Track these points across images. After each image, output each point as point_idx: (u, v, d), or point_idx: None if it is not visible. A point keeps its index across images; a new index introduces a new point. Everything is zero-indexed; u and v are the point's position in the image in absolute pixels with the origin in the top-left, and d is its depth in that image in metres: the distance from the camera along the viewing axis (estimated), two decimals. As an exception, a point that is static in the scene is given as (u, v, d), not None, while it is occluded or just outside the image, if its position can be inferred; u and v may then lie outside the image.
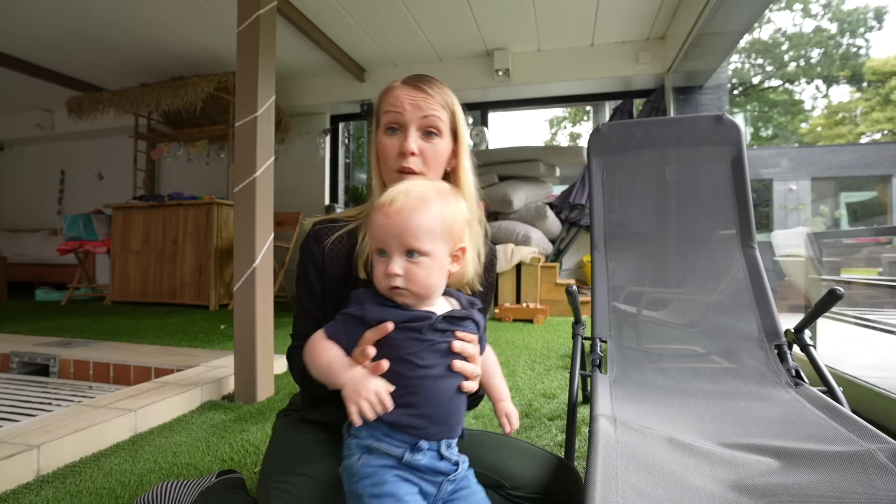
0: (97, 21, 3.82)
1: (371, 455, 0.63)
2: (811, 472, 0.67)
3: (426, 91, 0.81)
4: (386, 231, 0.65)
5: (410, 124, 0.80)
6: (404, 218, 0.64)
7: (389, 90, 0.83)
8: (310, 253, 0.85)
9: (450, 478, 0.64)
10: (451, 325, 0.66)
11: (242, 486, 0.97)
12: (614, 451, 0.73)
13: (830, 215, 7.46)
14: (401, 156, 0.80)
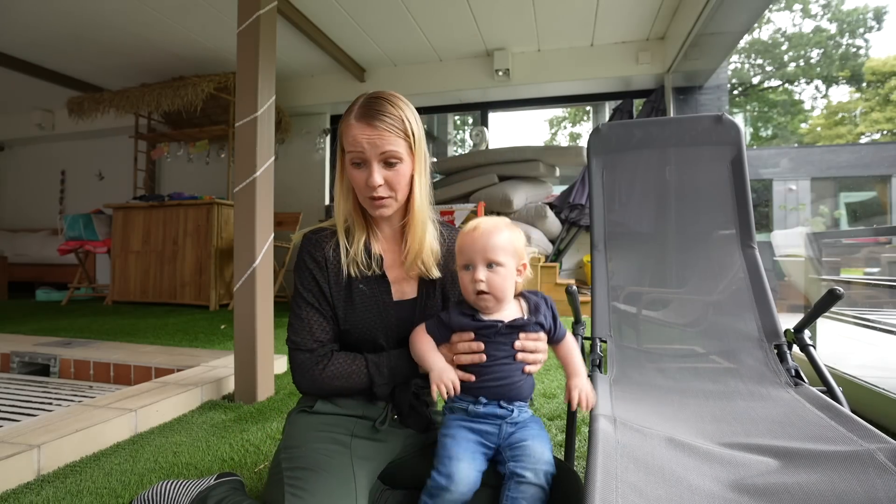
0: (97, 21, 3.82)
1: (451, 412, 0.88)
2: (811, 471, 0.67)
3: (379, 128, 0.87)
4: (472, 249, 0.86)
5: (372, 160, 0.88)
6: (486, 238, 0.86)
7: (347, 127, 0.89)
8: (313, 260, 0.93)
9: (507, 420, 0.84)
10: (515, 329, 0.87)
11: (241, 489, 0.97)
12: (614, 451, 0.73)
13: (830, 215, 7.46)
14: (368, 187, 0.88)
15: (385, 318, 0.93)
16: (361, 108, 0.88)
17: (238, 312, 1.83)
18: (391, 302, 0.94)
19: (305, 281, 0.93)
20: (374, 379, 0.89)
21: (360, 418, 0.92)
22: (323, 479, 0.78)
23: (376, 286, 0.94)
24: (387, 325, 0.93)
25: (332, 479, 0.79)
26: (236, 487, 0.95)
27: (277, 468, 0.85)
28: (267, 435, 1.47)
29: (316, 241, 0.94)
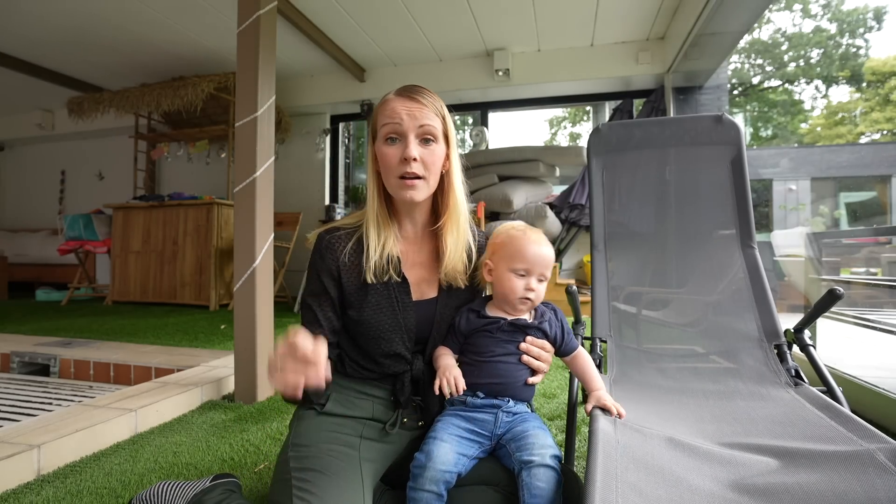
0: (97, 21, 3.82)
1: (451, 405, 0.92)
2: (811, 471, 0.67)
3: (420, 101, 0.87)
4: (534, 259, 0.90)
5: (409, 133, 0.86)
6: (546, 252, 0.92)
7: (385, 103, 0.89)
8: (325, 263, 0.92)
9: (503, 409, 0.88)
10: (517, 328, 0.91)
11: (238, 491, 0.97)
12: (614, 451, 0.73)
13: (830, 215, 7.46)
14: (403, 162, 0.86)
15: (404, 320, 0.92)
16: (400, 88, 0.89)
17: (238, 312, 1.83)
18: (410, 303, 0.92)
19: (312, 284, 0.93)
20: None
21: (370, 420, 0.92)
22: (331, 483, 0.78)
23: (395, 287, 0.92)
24: (405, 326, 0.92)
25: (340, 483, 0.79)
26: (232, 489, 0.95)
27: (285, 466, 0.84)
28: (267, 435, 1.47)
29: (329, 244, 0.92)
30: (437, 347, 0.95)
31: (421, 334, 0.94)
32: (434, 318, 0.94)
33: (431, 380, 0.91)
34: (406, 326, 0.92)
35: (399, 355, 0.92)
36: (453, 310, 0.96)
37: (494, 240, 0.95)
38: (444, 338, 0.97)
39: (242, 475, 1.22)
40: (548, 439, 0.83)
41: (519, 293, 0.90)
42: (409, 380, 0.93)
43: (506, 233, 0.94)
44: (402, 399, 0.92)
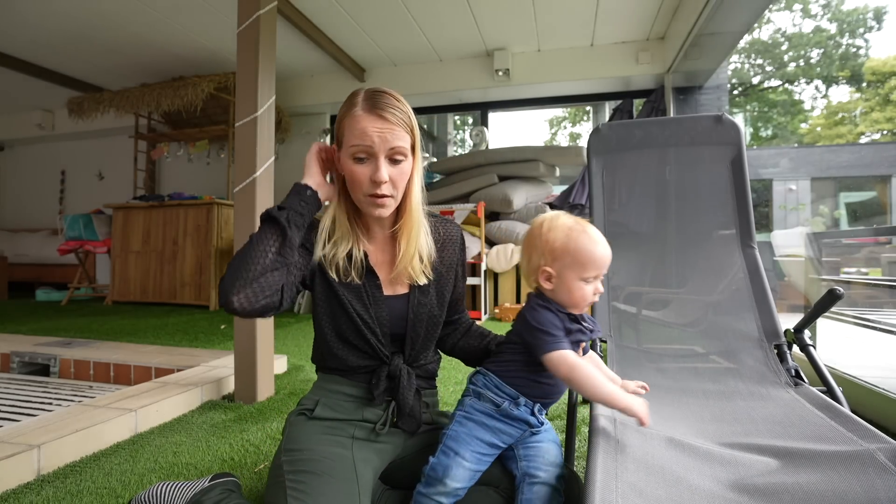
0: (97, 21, 3.82)
1: (478, 399, 0.85)
2: (811, 471, 0.67)
3: (389, 120, 0.83)
4: (603, 262, 0.84)
5: (379, 154, 0.84)
6: (607, 249, 0.85)
7: (353, 118, 0.84)
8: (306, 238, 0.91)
9: (533, 430, 0.84)
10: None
11: (237, 490, 0.97)
12: (614, 451, 0.73)
13: (830, 215, 7.46)
14: (373, 184, 0.84)
15: (376, 312, 0.92)
16: (368, 101, 0.84)
17: (238, 312, 1.83)
18: (381, 296, 0.92)
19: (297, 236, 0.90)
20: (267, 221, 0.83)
21: (360, 422, 0.92)
22: (325, 483, 0.78)
23: (366, 280, 0.92)
24: (378, 319, 0.92)
25: (334, 484, 0.79)
26: (231, 489, 0.95)
27: (279, 470, 0.84)
28: (267, 435, 1.47)
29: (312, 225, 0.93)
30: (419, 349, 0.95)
31: (395, 330, 0.93)
32: (407, 314, 0.94)
33: (410, 380, 0.92)
34: (379, 319, 0.91)
35: (373, 347, 0.91)
36: (426, 308, 0.95)
37: (550, 242, 0.84)
38: (424, 338, 0.95)
39: (242, 475, 1.22)
40: (558, 457, 0.82)
41: (589, 299, 0.84)
42: (384, 375, 0.92)
43: (564, 234, 0.83)
44: (376, 394, 0.91)
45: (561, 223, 0.85)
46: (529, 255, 0.87)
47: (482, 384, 0.86)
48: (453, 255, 1.01)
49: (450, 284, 1.00)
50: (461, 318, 1.09)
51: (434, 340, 1.00)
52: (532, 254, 0.86)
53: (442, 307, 0.99)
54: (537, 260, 0.85)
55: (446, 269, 0.99)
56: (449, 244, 1.01)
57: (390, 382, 0.92)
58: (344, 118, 0.86)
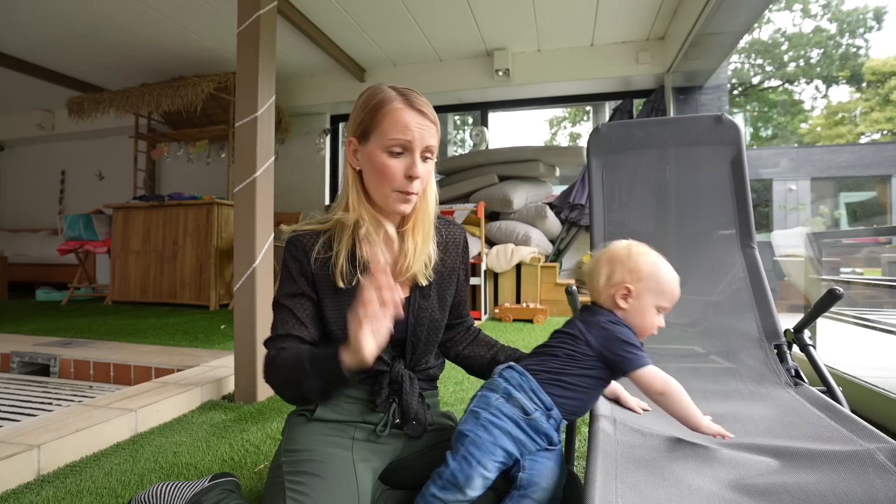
0: (97, 21, 3.82)
1: (507, 401, 0.79)
2: (811, 471, 0.67)
3: (429, 118, 0.84)
4: (676, 298, 0.87)
5: (416, 150, 0.83)
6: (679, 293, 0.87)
7: (394, 111, 0.82)
8: (299, 265, 0.89)
9: (550, 447, 0.80)
10: None
11: (236, 490, 0.97)
12: (614, 452, 0.73)
13: (830, 215, 7.46)
14: (407, 179, 0.83)
15: None
16: (406, 97, 0.83)
17: (238, 312, 1.83)
18: None
19: (287, 280, 0.90)
20: (305, 373, 0.78)
21: (360, 423, 0.92)
22: (325, 485, 0.78)
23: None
24: None
25: (334, 485, 0.79)
26: (231, 489, 0.95)
27: (278, 471, 0.84)
28: (267, 435, 1.47)
29: (299, 243, 0.89)
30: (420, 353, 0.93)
31: (396, 335, 0.90)
32: (407, 318, 0.92)
33: (413, 385, 0.91)
34: None
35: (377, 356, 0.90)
36: (427, 311, 0.94)
37: (639, 264, 0.86)
38: (426, 343, 0.94)
39: (242, 475, 1.22)
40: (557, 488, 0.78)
41: (654, 330, 0.86)
42: (386, 382, 0.90)
43: (653, 260, 0.87)
44: (378, 401, 0.89)
45: (648, 250, 0.89)
46: (612, 270, 0.87)
47: (517, 384, 0.80)
48: (455, 258, 1.00)
49: (451, 287, 0.99)
50: (465, 322, 1.08)
51: (435, 344, 0.99)
52: (616, 270, 0.87)
53: (443, 310, 0.98)
54: (621, 276, 0.86)
55: (448, 272, 0.98)
56: (452, 246, 0.99)
57: (392, 388, 0.91)
58: (378, 110, 0.83)
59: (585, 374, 0.81)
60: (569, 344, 0.83)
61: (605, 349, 0.81)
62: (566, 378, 0.81)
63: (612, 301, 0.87)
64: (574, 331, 0.84)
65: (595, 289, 0.89)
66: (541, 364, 0.83)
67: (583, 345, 0.82)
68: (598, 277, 0.89)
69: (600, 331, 0.83)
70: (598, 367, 0.82)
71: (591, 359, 0.81)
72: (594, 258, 0.94)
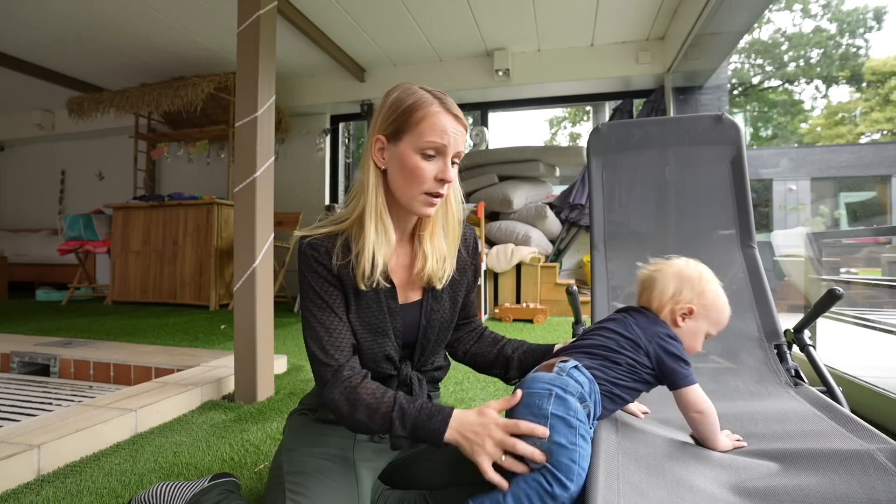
0: (97, 21, 3.82)
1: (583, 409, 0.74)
2: (811, 472, 0.67)
3: (463, 123, 0.84)
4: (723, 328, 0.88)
5: (449, 155, 0.83)
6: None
7: (432, 114, 0.81)
8: (323, 269, 0.85)
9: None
10: None
11: (236, 490, 0.97)
12: (615, 452, 0.73)
13: (830, 215, 7.46)
14: (438, 182, 0.83)
15: (392, 324, 0.89)
16: (442, 101, 0.83)
17: (238, 312, 1.83)
18: (397, 307, 0.90)
19: (321, 286, 0.85)
20: (393, 425, 0.77)
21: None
22: (324, 485, 0.78)
23: (384, 293, 0.89)
24: (394, 330, 0.89)
25: (334, 485, 0.79)
26: (230, 489, 0.95)
27: (278, 471, 0.84)
28: (267, 435, 1.47)
29: (323, 249, 0.86)
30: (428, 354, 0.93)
31: (406, 339, 0.92)
32: (420, 321, 0.92)
33: (421, 386, 0.90)
34: (394, 330, 0.89)
35: (388, 357, 0.89)
36: (437, 312, 0.93)
37: (706, 289, 0.87)
38: (434, 344, 0.94)
39: (242, 475, 1.22)
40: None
41: (697, 350, 0.88)
42: (395, 385, 0.90)
43: (717, 288, 0.88)
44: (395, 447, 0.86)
45: (714, 277, 0.89)
46: (680, 288, 0.87)
47: (588, 390, 0.76)
48: (465, 258, 0.99)
49: (462, 288, 0.99)
50: (472, 323, 1.07)
51: (443, 345, 0.99)
52: (684, 288, 0.87)
53: (454, 311, 0.97)
54: (689, 296, 0.86)
55: (459, 273, 0.97)
56: (462, 247, 0.99)
57: (402, 388, 0.90)
58: (415, 111, 0.82)
59: (634, 386, 0.81)
60: (629, 352, 0.81)
61: (661, 362, 0.80)
62: (619, 391, 0.80)
63: (672, 316, 0.86)
64: (634, 336, 0.82)
65: (654, 298, 0.88)
66: (603, 370, 0.80)
67: (643, 355, 0.81)
68: (662, 289, 0.88)
69: (660, 342, 0.82)
70: (647, 381, 0.82)
71: (647, 370, 0.81)
72: (657, 267, 0.92)
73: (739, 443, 0.80)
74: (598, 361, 0.80)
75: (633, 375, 0.80)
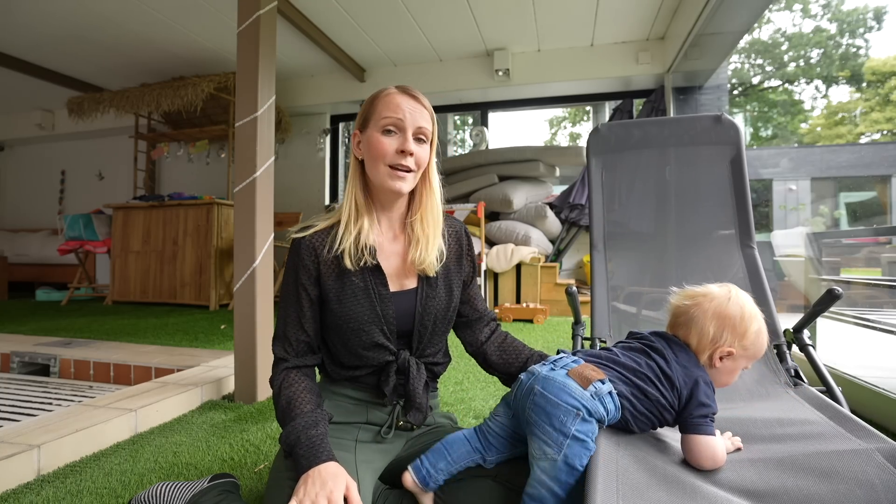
0: (97, 21, 3.82)
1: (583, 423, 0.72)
2: (810, 472, 0.67)
3: (421, 102, 0.92)
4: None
5: (408, 129, 0.89)
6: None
7: (387, 96, 0.91)
8: (303, 262, 0.92)
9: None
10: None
11: (235, 491, 0.97)
12: (615, 452, 0.73)
13: (830, 215, 7.45)
14: (399, 154, 0.89)
15: (382, 310, 0.91)
16: (401, 87, 0.92)
17: (238, 312, 1.83)
18: (387, 294, 0.92)
19: (289, 285, 0.94)
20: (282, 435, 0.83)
21: (364, 424, 0.92)
22: None
23: (371, 277, 0.91)
24: (384, 317, 0.91)
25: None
26: (229, 490, 0.95)
27: (279, 473, 0.84)
28: (267, 435, 1.47)
29: (308, 243, 0.92)
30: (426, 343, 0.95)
31: (403, 327, 0.93)
32: (415, 308, 0.94)
33: (419, 371, 0.92)
34: (385, 317, 0.91)
35: (381, 345, 0.91)
36: (434, 301, 0.95)
37: (747, 329, 0.81)
38: (432, 332, 0.95)
39: (242, 475, 1.22)
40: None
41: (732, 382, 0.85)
42: (394, 370, 0.92)
43: (759, 327, 0.83)
44: (385, 390, 0.91)
45: (753, 307, 0.84)
46: (720, 331, 0.82)
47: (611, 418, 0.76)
48: (459, 248, 1.02)
49: (457, 278, 1.00)
50: (484, 317, 1.06)
51: (443, 336, 1.00)
52: (725, 332, 0.81)
53: (450, 300, 0.98)
54: (730, 341, 0.81)
55: (453, 262, 1.00)
56: (454, 237, 1.02)
57: (399, 377, 0.92)
58: (375, 99, 0.93)
59: (649, 421, 0.78)
60: (663, 389, 0.77)
61: (687, 407, 0.77)
62: (634, 423, 0.78)
63: (710, 360, 0.82)
64: (673, 375, 0.78)
65: (692, 336, 0.83)
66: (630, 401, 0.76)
67: (675, 396, 0.77)
68: (701, 330, 0.82)
69: (695, 389, 0.77)
70: (663, 421, 0.79)
71: (669, 413, 0.77)
72: (694, 301, 0.85)
73: (737, 445, 0.79)
74: (630, 389, 0.77)
75: (653, 412, 0.77)
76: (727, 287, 0.86)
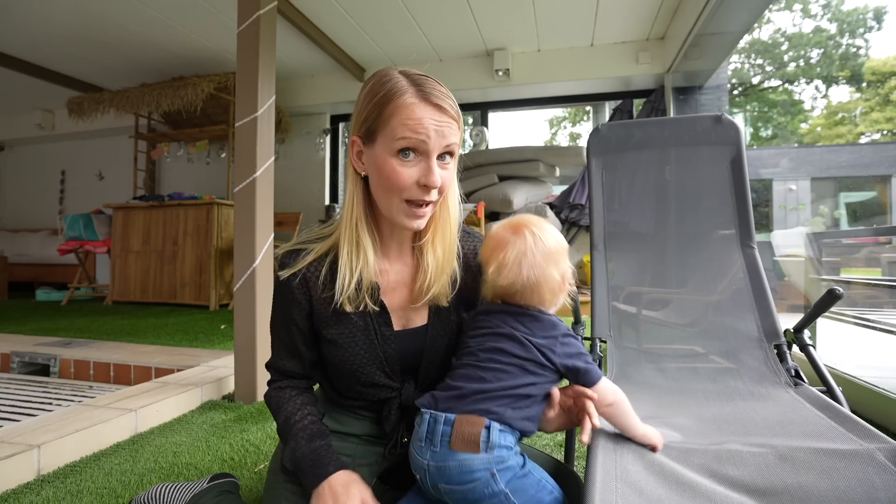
0: (98, 21, 3.82)
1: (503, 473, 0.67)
2: (811, 471, 0.67)
3: (448, 112, 0.70)
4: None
5: (433, 152, 0.70)
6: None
7: (404, 106, 0.69)
8: (294, 297, 0.79)
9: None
10: None
11: (235, 491, 0.97)
12: (614, 451, 0.73)
13: (830, 215, 7.45)
14: (421, 188, 0.71)
15: (384, 351, 0.81)
16: (418, 87, 0.69)
17: (238, 312, 1.83)
18: (391, 334, 0.80)
19: (282, 316, 0.82)
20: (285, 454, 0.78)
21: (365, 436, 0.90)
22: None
23: (372, 317, 0.79)
24: (386, 359, 0.81)
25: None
26: (229, 490, 0.94)
27: (276, 476, 0.83)
28: (267, 435, 1.47)
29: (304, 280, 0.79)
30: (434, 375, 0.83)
31: (408, 363, 0.83)
32: (423, 347, 0.83)
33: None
34: (388, 359, 0.81)
35: (381, 385, 0.82)
36: (443, 336, 0.83)
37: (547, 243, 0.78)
38: (437, 365, 0.84)
39: (242, 475, 1.22)
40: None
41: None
42: (396, 407, 0.82)
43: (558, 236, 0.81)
44: (387, 428, 0.83)
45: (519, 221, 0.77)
46: (557, 264, 0.76)
47: (516, 439, 0.70)
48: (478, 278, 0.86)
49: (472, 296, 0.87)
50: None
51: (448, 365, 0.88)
52: (560, 261, 0.76)
53: (461, 321, 0.87)
54: (565, 267, 0.77)
55: (469, 292, 0.86)
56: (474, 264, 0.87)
57: (403, 413, 0.84)
58: (386, 105, 0.69)
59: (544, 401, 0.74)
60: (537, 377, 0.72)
61: (566, 367, 0.73)
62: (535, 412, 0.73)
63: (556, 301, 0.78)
64: (534, 356, 0.72)
65: (543, 292, 0.76)
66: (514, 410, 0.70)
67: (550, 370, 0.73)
68: (542, 277, 0.75)
69: (562, 349, 0.74)
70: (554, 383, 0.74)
71: (551, 381, 0.74)
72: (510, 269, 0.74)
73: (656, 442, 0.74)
74: (508, 402, 0.69)
75: (542, 394, 0.73)
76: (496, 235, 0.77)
